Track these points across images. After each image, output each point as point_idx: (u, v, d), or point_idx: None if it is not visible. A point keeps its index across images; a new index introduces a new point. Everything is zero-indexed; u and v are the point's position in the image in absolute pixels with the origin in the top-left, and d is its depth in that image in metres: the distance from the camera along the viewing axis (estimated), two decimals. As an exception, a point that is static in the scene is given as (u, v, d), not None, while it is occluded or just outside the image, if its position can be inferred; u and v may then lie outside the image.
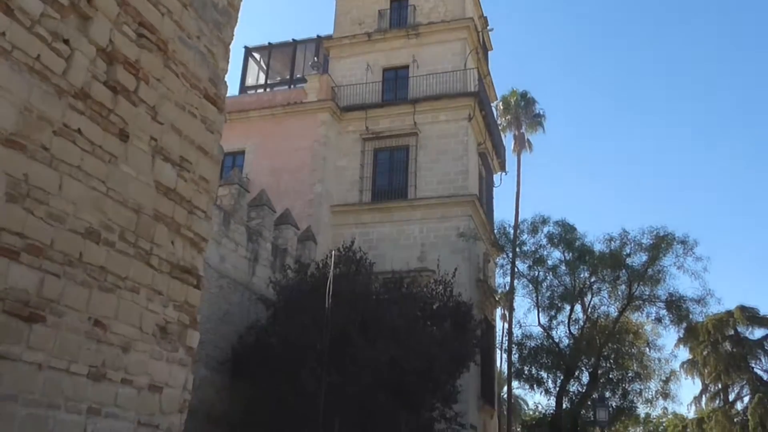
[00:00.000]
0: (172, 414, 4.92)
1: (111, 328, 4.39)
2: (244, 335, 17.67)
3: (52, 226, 4.03)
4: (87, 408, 4.10)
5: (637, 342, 26.18)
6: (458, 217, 24.35)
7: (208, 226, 5.81)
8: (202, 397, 15.77)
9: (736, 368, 40.79)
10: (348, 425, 15.43)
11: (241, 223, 18.39)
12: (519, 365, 26.53)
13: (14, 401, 3.63)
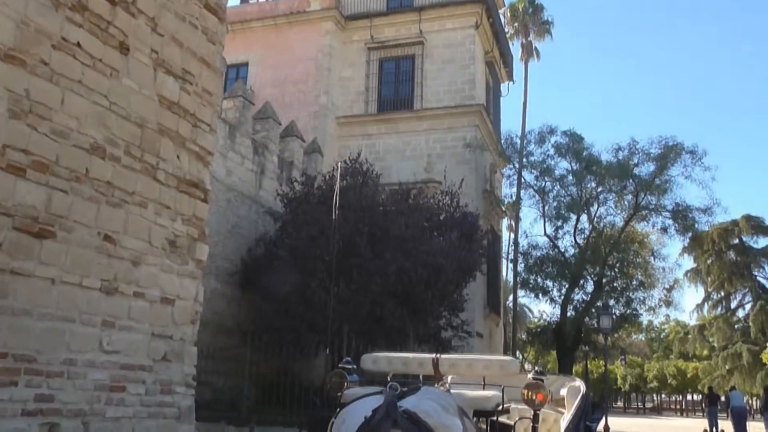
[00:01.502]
0: (184, 325, 5.03)
1: (121, 242, 4.43)
2: (252, 247, 17.85)
3: (57, 142, 4.00)
4: (101, 321, 4.18)
5: (642, 251, 26.40)
6: (465, 128, 24.12)
7: (213, 140, 5.77)
8: (213, 308, 16.10)
9: (739, 276, 41.25)
10: (356, 334, 15.76)
11: (247, 135, 18.29)
12: (525, 275, 26.90)
13: (30, 315, 3.71)
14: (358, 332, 15.90)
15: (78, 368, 3.95)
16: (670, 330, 60.70)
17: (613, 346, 41.19)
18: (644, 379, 61.41)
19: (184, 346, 5.03)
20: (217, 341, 16.12)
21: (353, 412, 3.22)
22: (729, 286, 41.62)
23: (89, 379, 4.03)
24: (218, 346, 15.95)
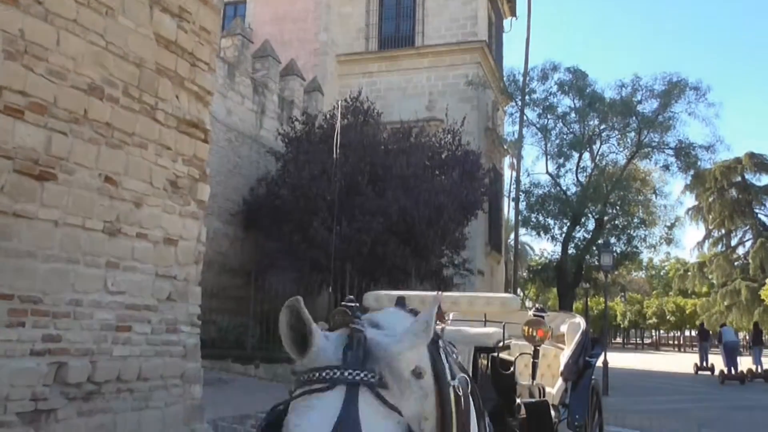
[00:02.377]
0: (188, 265, 5.07)
1: (122, 184, 4.43)
2: (254, 187, 17.87)
3: (54, 83, 3.96)
4: (105, 262, 4.22)
5: (643, 189, 26.39)
6: (467, 65, 23.80)
7: (212, 79, 5.70)
8: (216, 248, 16.22)
9: (741, 214, 41.35)
10: (358, 272, 15.91)
11: (246, 75, 18.07)
12: (526, 213, 26.95)
13: (34, 257, 3.73)
14: (361, 271, 16.04)
15: (84, 309, 4.01)
16: (670, 267, 61.19)
17: (613, 284, 41.62)
18: (643, 315, 62.25)
19: (188, 286, 5.08)
20: (220, 281, 16.29)
21: None
22: (730, 223, 41.77)
23: (95, 319, 4.09)
24: (222, 285, 16.13)
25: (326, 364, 1.52)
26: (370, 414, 1.44)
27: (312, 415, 1.45)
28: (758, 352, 24.54)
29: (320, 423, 1.42)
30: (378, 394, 1.47)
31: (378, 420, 1.45)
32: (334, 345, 1.57)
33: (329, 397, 1.46)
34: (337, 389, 1.47)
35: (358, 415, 1.43)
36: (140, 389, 4.48)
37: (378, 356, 1.53)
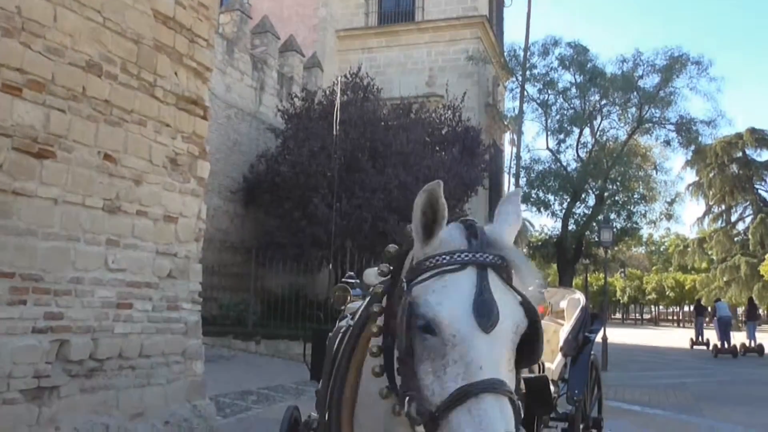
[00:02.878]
0: (188, 242, 5.08)
1: (121, 161, 4.42)
2: (254, 164, 17.84)
3: (52, 60, 3.93)
4: (105, 239, 4.22)
5: (644, 165, 26.34)
6: (467, 40, 23.65)
7: (211, 55, 5.67)
8: (217, 225, 16.24)
9: (741, 190, 41.31)
10: (359, 249, 15.94)
11: (245, 51, 17.96)
12: (526, 189, 26.91)
13: (35, 235, 3.74)
14: (361, 247, 16.07)
15: (85, 286, 4.02)
16: (670, 243, 61.28)
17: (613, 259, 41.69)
18: (643, 291, 62.48)
19: (188, 263, 5.09)
20: (221, 258, 16.33)
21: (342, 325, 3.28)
22: (730, 199, 41.75)
23: (96, 297, 4.10)
24: (223, 262, 16.17)
25: (455, 249, 1.63)
26: (500, 293, 1.59)
27: (450, 292, 1.57)
28: (752, 327, 24.85)
29: (460, 300, 1.56)
30: (502, 276, 1.62)
31: (507, 298, 1.60)
32: (458, 233, 1.69)
33: (463, 277, 1.59)
34: (468, 270, 1.60)
35: (492, 292, 1.57)
36: (142, 366, 4.51)
37: (497, 244, 1.67)
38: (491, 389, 1.50)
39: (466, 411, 1.49)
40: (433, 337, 1.58)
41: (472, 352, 1.54)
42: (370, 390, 1.92)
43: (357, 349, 2.12)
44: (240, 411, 9.16)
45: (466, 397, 1.50)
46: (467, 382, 1.51)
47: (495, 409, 1.49)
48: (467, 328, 1.55)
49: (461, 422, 1.49)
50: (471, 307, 1.55)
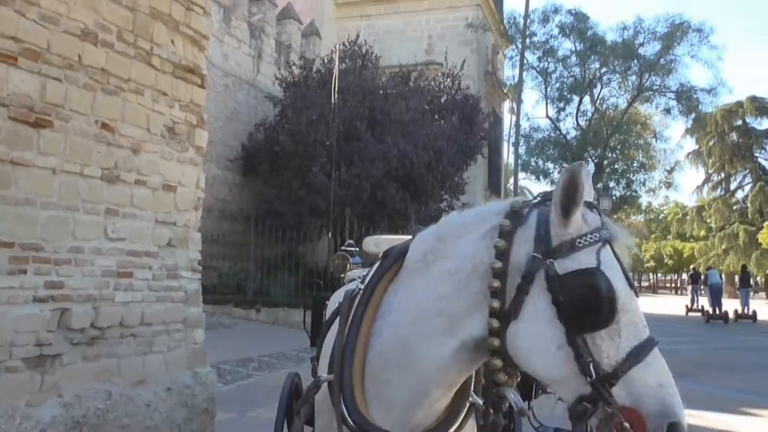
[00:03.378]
0: (187, 211, 5.08)
1: (119, 130, 4.40)
2: (252, 133, 17.79)
3: (47, 28, 3.90)
4: (104, 209, 4.22)
5: (644, 133, 26.28)
6: (467, 7, 23.43)
7: (208, 23, 5.61)
8: (215, 194, 16.23)
9: (740, 158, 41.25)
10: (358, 217, 15.97)
11: (242, 18, 17.79)
12: (526, 157, 26.88)
13: (33, 205, 3.74)
14: (360, 216, 16.10)
15: (85, 255, 4.03)
16: (669, 211, 61.38)
17: (611, 227, 41.41)
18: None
19: (188, 232, 5.10)
20: (220, 227, 16.36)
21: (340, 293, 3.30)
22: (730, 167, 41.73)
23: (96, 266, 4.12)
24: (222, 231, 16.21)
25: (597, 227, 1.81)
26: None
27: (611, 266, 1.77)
28: (746, 294, 25.42)
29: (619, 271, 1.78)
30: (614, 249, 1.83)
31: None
32: (594, 213, 1.85)
33: (609, 252, 1.79)
34: (606, 246, 1.80)
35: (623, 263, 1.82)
36: (143, 334, 4.54)
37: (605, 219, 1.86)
38: (655, 343, 1.74)
39: (645, 366, 1.70)
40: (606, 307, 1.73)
41: (637, 314, 1.76)
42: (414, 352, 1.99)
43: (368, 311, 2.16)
44: (241, 378, 9.26)
45: (642, 354, 1.71)
46: (639, 341, 1.72)
47: (661, 360, 1.73)
48: (630, 294, 1.76)
49: (642, 376, 1.69)
50: (625, 276, 1.79)
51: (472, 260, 1.91)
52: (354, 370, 2.10)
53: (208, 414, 5.00)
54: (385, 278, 2.23)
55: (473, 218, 2.03)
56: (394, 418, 2.05)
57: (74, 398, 3.92)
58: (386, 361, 2.07)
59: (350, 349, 2.12)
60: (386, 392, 2.07)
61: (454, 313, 1.92)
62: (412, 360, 1.99)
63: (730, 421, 7.78)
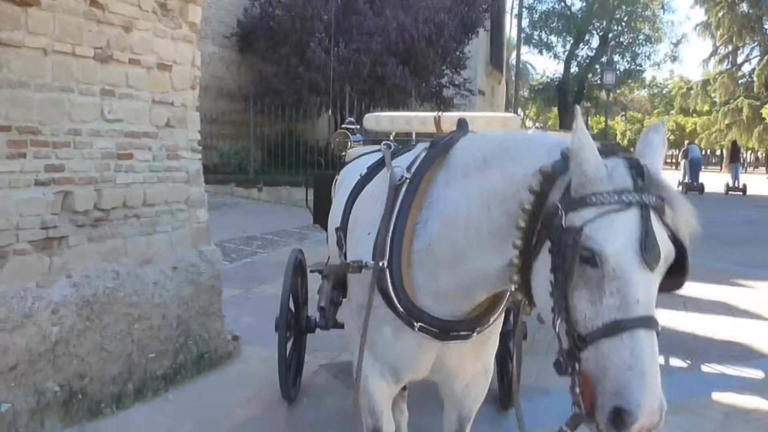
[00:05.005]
0: (184, 90, 4.99)
1: (109, 7, 4.24)
2: (248, 8, 17.27)
3: None
4: (100, 90, 4.14)
5: (651, 4, 25.48)
6: None
7: None
8: (212, 72, 15.93)
9: (749, 30, 40.15)
10: (358, 94, 15.78)
11: None
12: (529, 30, 26.22)
13: (27, 87, 3.66)
14: (360, 92, 15.91)
15: (83, 138, 3.99)
16: (673, 85, 60.43)
17: (614, 102, 41.28)
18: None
19: (186, 112, 5.03)
20: (219, 106, 16.18)
21: (352, 170, 3.32)
22: (738, 39, 40.68)
23: (96, 148, 4.09)
24: (221, 110, 16.05)
25: (622, 188, 1.69)
26: (659, 232, 1.69)
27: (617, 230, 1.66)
28: (735, 169, 26.71)
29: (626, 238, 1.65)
30: (660, 215, 1.71)
31: (664, 237, 1.70)
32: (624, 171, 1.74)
33: (628, 216, 1.67)
34: (633, 210, 1.68)
35: (654, 233, 1.67)
36: (146, 215, 4.58)
37: (658, 183, 1.75)
38: (645, 325, 1.62)
39: (619, 341, 1.62)
40: (593, 269, 1.68)
41: (631, 287, 1.63)
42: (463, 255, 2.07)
43: (415, 201, 2.23)
44: (245, 256, 9.46)
45: (620, 329, 1.62)
46: (623, 315, 1.63)
47: (645, 345, 1.60)
48: (630, 264, 1.64)
49: (612, 351, 1.62)
50: (637, 245, 1.64)
51: (516, 193, 1.92)
52: (402, 259, 2.20)
53: (215, 291, 5.13)
54: (432, 168, 2.28)
55: (536, 146, 2.03)
56: (440, 307, 2.18)
57: (83, 278, 4.01)
58: (436, 258, 2.17)
59: (398, 238, 2.21)
60: (433, 285, 2.18)
61: (502, 234, 1.95)
62: (462, 264, 2.09)
63: (724, 293, 8.01)
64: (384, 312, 2.24)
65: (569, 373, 1.74)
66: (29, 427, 3.65)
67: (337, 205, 2.97)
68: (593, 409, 1.65)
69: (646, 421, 1.57)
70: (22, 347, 3.59)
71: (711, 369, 5.29)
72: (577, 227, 1.69)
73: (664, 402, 1.62)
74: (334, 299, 2.66)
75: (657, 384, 1.60)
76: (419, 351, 2.31)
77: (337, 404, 4.39)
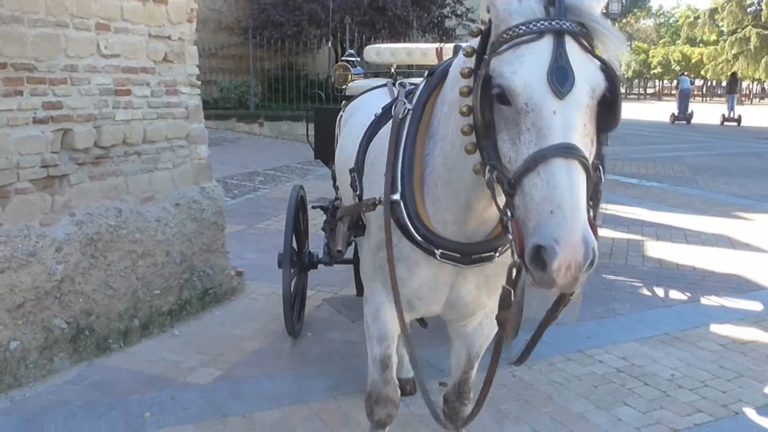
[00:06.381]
0: (181, 24, 4.89)
1: (100, -62, 4.12)
2: (244, -64, 16.79)
3: None
4: (95, 24, 4.05)
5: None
6: None
7: None
8: (210, 5, 15.61)
9: (761, -47, 39.01)
10: (359, 25, 15.49)
11: None
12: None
13: (20, 23, 3.58)
14: (361, 23, 15.63)
15: (80, 74, 3.92)
16: (681, 15, 59.22)
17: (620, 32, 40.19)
18: (648, 65, 61.48)
19: (183, 46, 4.94)
20: (217, 39, 15.91)
21: (361, 106, 3.28)
22: (748, -35, 39.62)
23: (93, 84, 4.03)
24: (219, 44, 15.80)
25: (532, 18, 1.60)
26: (577, 59, 1.57)
27: (525, 61, 1.57)
28: (732, 100, 27.44)
29: (534, 67, 1.55)
30: (581, 41, 1.60)
31: (584, 64, 1.58)
32: (534, 1, 1.63)
33: (539, 45, 1.57)
34: (545, 38, 1.58)
35: (568, 59, 1.55)
36: (147, 151, 4.55)
37: (577, 10, 1.62)
38: (561, 153, 1.51)
39: (536, 175, 1.52)
40: (508, 107, 1.60)
41: (544, 119, 1.54)
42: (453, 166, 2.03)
43: (420, 131, 2.20)
44: (248, 192, 9.46)
45: (536, 162, 1.52)
46: (539, 147, 1.53)
47: (562, 173, 1.50)
48: (540, 94, 1.54)
49: (531, 187, 1.53)
50: (545, 74, 1.54)
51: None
52: (415, 189, 2.17)
53: (218, 227, 5.14)
54: (432, 97, 2.23)
55: None
56: (450, 231, 2.14)
57: (86, 216, 4.01)
58: (436, 179, 2.14)
59: (408, 169, 2.18)
60: (439, 208, 2.15)
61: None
62: (453, 174, 2.05)
63: (725, 225, 8.03)
64: (400, 247, 2.22)
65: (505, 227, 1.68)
66: (38, 364, 3.72)
67: (347, 144, 2.91)
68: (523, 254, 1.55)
69: (568, 256, 1.45)
70: (28, 285, 3.63)
71: (710, 301, 5.35)
72: (490, 67, 1.62)
73: (591, 239, 1.48)
74: (349, 240, 2.65)
75: (577, 216, 1.47)
76: (434, 285, 2.30)
77: (341, 337, 4.46)
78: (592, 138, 1.63)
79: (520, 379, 3.88)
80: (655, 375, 3.99)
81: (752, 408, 3.61)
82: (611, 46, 1.64)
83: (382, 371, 2.58)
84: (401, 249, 2.23)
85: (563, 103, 1.54)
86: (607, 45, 1.64)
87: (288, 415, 3.45)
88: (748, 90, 44.92)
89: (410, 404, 3.49)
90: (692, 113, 26.06)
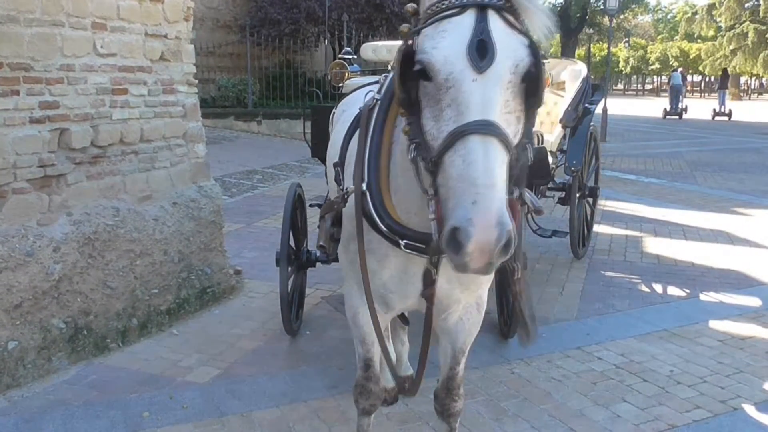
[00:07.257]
0: (178, 22, 4.88)
1: (97, -64, 4.11)
2: (241, -66, 16.77)
3: None
4: (91, 23, 4.04)
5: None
6: None
7: None
8: (207, 3, 15.59)
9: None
10: (356, 22, 15.47)
11: None
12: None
13: (16, 22, 3.57)
14: (359, 21, 15.61)
15: (77, 73, 3.92)
16: (678, 10, 59.19)
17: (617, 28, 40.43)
18: (646, 61, 61.45)
19: (180, 44, 4.93)
20: (215, 37, 15.89)
21: (352, 102, 3.27)
22: (746, -40, 39.59)
23: (90, 84, 4.02)
24: (217, 42, 15.77)
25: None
26: (500, 33, 1.54)
27: (446, 35, 1.55)
28: (723, 95, 28.10)
29: (454, 42, 1.53)
30: (506, 17, 1.57)
31: (507, 39, 1.55)
32: None
33: (461, 20, 1.55)
34: (467, 13, 1.56)
35: (490, 33, 1.52)
36: (144, 150, 4.54)
37: None
38: (478, 130, 1.48)
39: (453, 152, 1.50)
40: (430, 84, 1.57)
41: (463, 95, 1.51)
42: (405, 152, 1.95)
43: (388, 120, 2.16)
44: (246, 190, 9.46)
45: (454, 139, 1.50)
46: (458, 124, 1.51)
47: (479, 150, 1.47)
48: (460, 68, 1.52)
49: (450, 164, 1.51)
50: (465, 49, 1.51)
51: None
52: (380, 179, 2.12)
53: (216, 226, 5.14)
54: None
55: None
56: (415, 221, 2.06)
57: (83, 216, 4.01)
58: (398, 168, 2.09)
59: (374, 159, 2.14)
60: (401, 197, 2.10)
61: None
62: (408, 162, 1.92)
63: (723, 221, 8.02)
64: (369, 239, 2.17)
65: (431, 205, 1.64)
66: (36, 364, 3.72)
67: (335, 139, 2.91)
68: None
69: (482, 238, 1.41)
70: (25, 285, 3.62)
71: (708, 297, 5.34)
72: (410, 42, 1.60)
73: (507, 221, 1.44)
74: (334, 235, 2.64)
75: (493, 195, 1.44)
76: (405, 277, 2.26)
77: (340, 335, 4.46)
78: (518, 115, 1.59)
79: (518, 376, 3.88)
80: (654, 371, 3.99)
81: (751, 404, 3.60)
82: (538, 21, 1.62)
83: (364, 369, 2.66)
84: (370, 240, 2.18)
85: (483, 78, 1.52)
86: (533, 21, 1.62)
87: (286, 414, 3.45)
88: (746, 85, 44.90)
89: (408, 402, 3.49)
90: (686, 108, 26.54)
